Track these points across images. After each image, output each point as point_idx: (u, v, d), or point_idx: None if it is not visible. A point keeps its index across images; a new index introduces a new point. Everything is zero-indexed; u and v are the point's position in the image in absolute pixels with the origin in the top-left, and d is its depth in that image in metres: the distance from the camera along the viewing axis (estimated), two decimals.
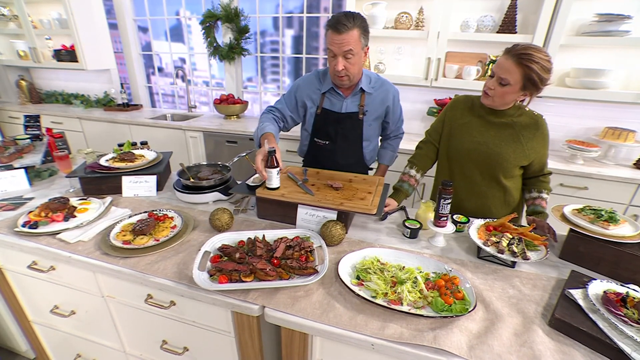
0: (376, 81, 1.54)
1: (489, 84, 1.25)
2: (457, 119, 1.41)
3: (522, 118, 1.31)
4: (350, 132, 1.55)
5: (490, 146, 1.33)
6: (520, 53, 1.14)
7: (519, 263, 1.09)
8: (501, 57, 1.20)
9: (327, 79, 1.51)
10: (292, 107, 1.61)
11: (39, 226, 1.19)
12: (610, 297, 0.85)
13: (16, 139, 1.92)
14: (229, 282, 0.93)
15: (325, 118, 1.55)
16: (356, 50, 1.32)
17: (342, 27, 1.27)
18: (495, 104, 1.29)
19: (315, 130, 1.61)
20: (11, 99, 3.94)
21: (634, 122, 2.30)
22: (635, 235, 1.04)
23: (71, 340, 1.41)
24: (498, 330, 0.81)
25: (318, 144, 1.62)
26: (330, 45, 1.33)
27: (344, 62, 1.34)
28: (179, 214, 1.28)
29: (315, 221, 1.21)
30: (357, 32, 1.30)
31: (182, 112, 3.58)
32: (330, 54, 1.36)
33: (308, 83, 1.56)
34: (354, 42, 1.31)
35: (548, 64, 1.14)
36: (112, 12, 3.49)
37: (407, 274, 0.95)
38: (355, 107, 1.53)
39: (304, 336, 0.90)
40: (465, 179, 1.41)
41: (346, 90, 1.52)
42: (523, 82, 1.17)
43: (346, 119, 1.53)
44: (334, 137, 1.57)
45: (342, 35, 1.28)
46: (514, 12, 2.20)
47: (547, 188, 1.39)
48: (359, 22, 1.30)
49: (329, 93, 1.53)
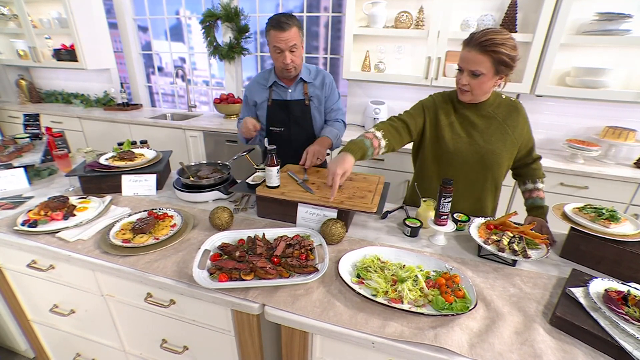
0: (314, 71, 1.74)
1: (462, 80, 1.21)
2: (441, 119, 1.35)
3: (501, 108, 1.29)
4: (301, 118, 1.73)
5: (481, 144, 1.29)
6: (482, 41, 1.11)
7: (520, 261, 1.08)
8: (463, 50, 1.17)
9: (271, 75, 1.70)
10: (251, 110, 1.81)
11: (38, 225, 1.19)
12: (612, 296, 0.84)
13: (16, 138, 1.92)
14: (229, 280, 0.93)
15: (276, 107, 1.73)
16: (298, 44, 1.54)
17: (286, 25, 1.46)
18: (475, 97, 1.25)
19: (270, 120, 1.76)
20: (11, 98, 3.94)
21: (634, 121, 2.30)
22: (636, 234, 1.03)
23: (71, 340, 1.41)
24: (499, 329, 0.81)
25: (275, 132, 1.77)
26: (276, 42, 1.50)
27: (290, 56, 1.53)
28: (178, 212, 1.28)
29: (316, 220, 1.21)
30: (296, 29, 1.51)
31: (182, 111, 3.58)
32: (276, 50, 1.53)
33: (254, 83, 1.77)
34: (296, 37, 1.51)
35: (512, 41, 1.12)
36: (112, 11, 3.49)
37: (407, 273, 0.95)
38: (300, 94, 1.72)
39: (304, 335, 0.90)
40: (457, 182, 1.31)
41: (289, 82, 1.71)
42: (495, 67, 1.14)
43: (295, 106, 1.72)
44: (287, 123, 1.74)
45: (286, 33, 1.47)
46: (515, 11, 2.20)
47: (540, 175, 1.38)
48: (295, 21, 1.50)
49: (275, 86, 1.72)
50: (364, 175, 1.45)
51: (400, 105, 2.71)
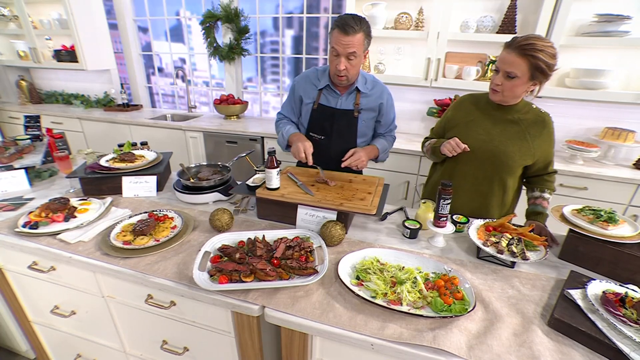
0: (371, 82, 1.58)
1: (496, 80, 1.24)
2: (462, 117, 1.41)
3: (528, 115, 1.30)
4: (346, 129, 1.59)
5: (496, 144, 1.31)
6: (522, 44, 1.14)
7: (519, 263, 1.09)
8: (503, 52, 1.20)
9: (324, 77, 1.55)
10: (297, 107, 1.66)
11: (39, 226, 1.19)
12: (609, 297, 0.85)
13: (16, 140, 1.92)
14: (229, 282, 0.93)
15: (321, 113, 1.59)
16: (359, 52, 1.37)
17: (350, 29, 1.30)
18: (505, 99, 1.27)
19: (311, 125, 1.64)
20: (11, 99, 3.95)
21: (633, 122, 2.30)
22: (635, 236, 1.04)
23: (71, 341, 1.42)
24: (497, 331, 0.81)
25: (314, 139, 1.63)
26: (335, 44, 1.35)
27: (346, 63, 1.38)
28: (179, 214, 1.28)
29: (315, 221, 1.21)
30: (362, 36, 1.34)
31: (182, 112, 3.58)
32: (333, 52, 1.38)
33: (306, 79, 1.61)
34: (358, 44, 1.34)
35: (552, 50, 1.14)
36: (112, 12, 3.49)
37: (406, 274, 0.95)
38: (350, 104, 1.56)
39: (303, 336, 0.90)
40: (465, 177, 1.40)
41: (342, 89, 1.56)
42: (531, 72, 1.17)
43: (342, 116, 1.57)
44: (330, 132, 1.60)
45: (349, 37, 1.31)
46: (514, 12, 2.21)
47: (551, 188, 1.38)
48: (365, 27, 1.34)
49: (326, 90, 1.57)
50: (364, 176, 1.46)
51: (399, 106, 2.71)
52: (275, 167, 1.22)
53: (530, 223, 1.27)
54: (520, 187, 1.48)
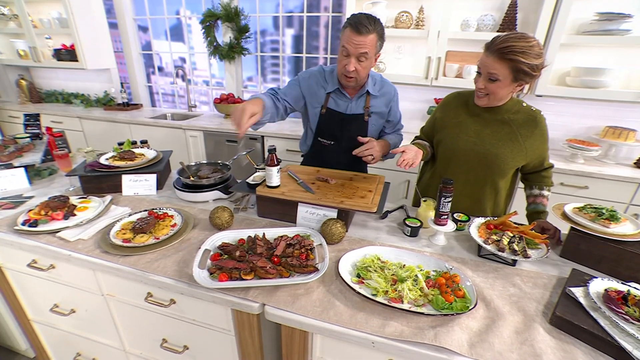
0: (380, 82, 1.53)
1: (479, 83, 1.20)
2: (451, 118, 1.36)
3: (519, 115, 1.26)
4: (356, 134, 1.51)
5: (487, 146, 1.28)
6: (499, 47, 1.08)
7: (520, 261, 1.08)
8: (483, 54, 1.16)
9: (333, 79, 1.48)
10: (293, 97, 1.52)
11: (38, 224, 1.19)
12: (612, 295, 0.84)
13: (16, 138, 1.92)
14: (229, 280, 0.93)
15: (330, 118, 1.52)
16: (370, 54, 1.31)
17: (363, 29, 1.25)
18: (490, 103, 1.24)
19: (320, 130, 1.58)
20: (11, 98, 3.95)
21: (634, 121, 2.30)
22: (636, 234, 1.03)
23: (71, 339, 1.41)
24: (499, 328, 0.81)
25: (322, 144, 1.59)
26: (346, 43, 1.29)
27: (356, 64, 1.32)
28: (179, 212, 1.28)
29: (316, 219, 1.21)
30: (375, 37, 1.29)
31: (182, 111, 3.58)
32: (343, 51, 1.32)
33: (314, 78, 1.52)
34: (371, 46, 1.29)
35: (535, 49, 1.07)
36: (112, 11, 3.49)
37: (407, 272, 0.95)
38: (360, 108, 1.51)
39: (304, 334, 0.90)
40: (456, 180, 1.32)
41: (352, 92, 1.49)
42: (513, 75, 1.11)
43: (352, 121, 1.51)
44: (339, 137, 1.55)
45: (361, 37, 1.26)
46: (515, 11, 2.20)
47: (549, 183, 1.37)
48: (378, 28, 1.29)
49: (334, 94, 1.50)
50: (364, 174, 1.45)
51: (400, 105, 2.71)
52: (275, 165, 1.22)
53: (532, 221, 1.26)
54: (513, 187, 1.45)
